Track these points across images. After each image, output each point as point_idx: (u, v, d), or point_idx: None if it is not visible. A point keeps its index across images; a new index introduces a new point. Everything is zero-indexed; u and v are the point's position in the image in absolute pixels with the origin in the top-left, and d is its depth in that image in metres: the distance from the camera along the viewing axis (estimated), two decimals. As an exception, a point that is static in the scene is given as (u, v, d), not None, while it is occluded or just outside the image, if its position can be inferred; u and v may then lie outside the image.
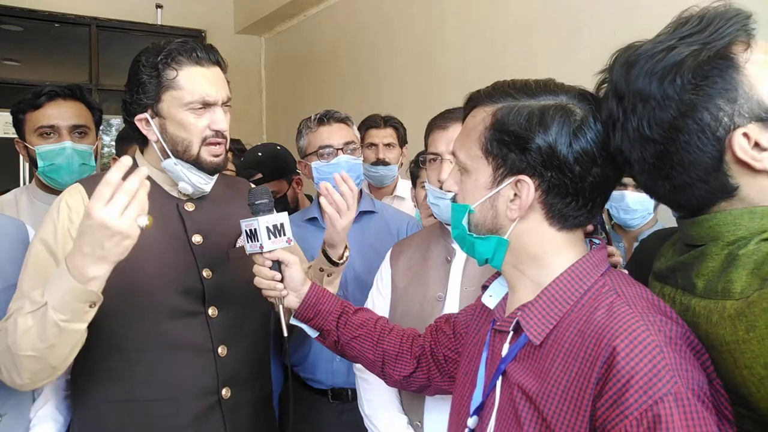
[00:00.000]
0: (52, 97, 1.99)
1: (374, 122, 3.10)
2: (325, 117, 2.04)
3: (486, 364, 1.03)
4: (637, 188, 2.28)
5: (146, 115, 1.43)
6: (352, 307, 1.38)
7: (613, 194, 1.49)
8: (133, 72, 1.45)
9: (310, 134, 2.05)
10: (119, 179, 1.12)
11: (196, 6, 5.80)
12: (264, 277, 1.33)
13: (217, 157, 1.46)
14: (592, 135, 0.92)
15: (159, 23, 5.63)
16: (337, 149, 2.00)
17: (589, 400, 0.82)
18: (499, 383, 0.97)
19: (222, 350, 1.47)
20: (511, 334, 0.98)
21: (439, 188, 1.55)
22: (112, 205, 1.11)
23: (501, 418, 0.95)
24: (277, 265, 1.33)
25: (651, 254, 1.08)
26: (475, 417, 1.01)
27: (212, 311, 1.47)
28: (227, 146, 1.51)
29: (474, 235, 1.01)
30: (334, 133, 2.01)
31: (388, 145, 3.05)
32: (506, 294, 1.07)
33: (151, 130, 1.44)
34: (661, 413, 0.76)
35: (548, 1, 3.05)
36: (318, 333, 1.37)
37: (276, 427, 1.72)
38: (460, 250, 1.55)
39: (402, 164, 3.16)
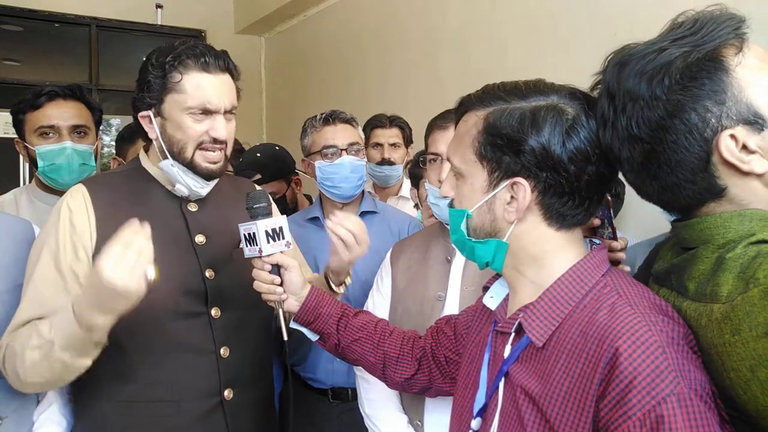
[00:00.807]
0: (52, 97, 1.98)
1: (380, 122, 3.09)
2: (331, 117, 2.03)
3: (488, 365, 1.03)
4: None
5: (149, 113, 1.44)
6: (352, 310, 1.38)
7: None
8: (142, 69, 1.46)
9: (314, 133, 2.05)
10: (131, 240, 1.15)
11: (196, 6, 5.80)
12: (263, 281, 1.33)
13: (214, 163, 1.46)
14: (585, 133, 0.92)
15: (159, 23, 5.63)
16: (341, 150, 2.00)
17: (592, 400, 0.82)
18: (501, 385, 0.97)
19: (224, 351, 1.47)
20: (513, 335, 0.98)
21: (440, 188, 1.55)
22: (120, 266, 1.13)
23: (504, 420, 0.95)
24: (277, 268, 1.33)
25: None
26: (479, 419, 1.01)
27: (215, 312, 1.47)
28: (227, 152, 1.50)
29: (473, 240, 1.01)
30: (339, 134, 2.01)
31: (393, 144, 3.04)
32: (507, 295, 1.07)
33: (152, 128, 1.45)
34: (664, 414, 0.76)
35: (548, 2, 3.05)
36: (318, 336, 1.37)
37: (277, 428, 1.72)
38: (460, 250, 1.55)
39: (408, 164, 3.16)
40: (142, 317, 1.40)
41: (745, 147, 0.83)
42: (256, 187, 1.64)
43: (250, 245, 1.32)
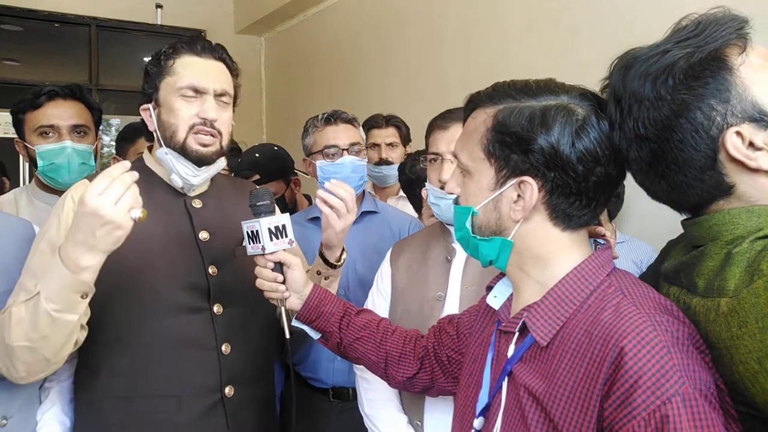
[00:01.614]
0: (52, 96, 1.98)
1: (376, 122, 3.09)
2: (332, 117, 2.04)
3: (491, 364, 1.03)
4: None
5: (149, 105, 1.48)
6: (354, 309, 1.38)
7: None
8: (145, 68, 1.50)
9: (316, 133, 2.06)
10: (119, 174, 1.15)
11: (196, 6, 5.80)
12: (266, 279, 1.33)
13: (205, 147, 1.46)
14: (595, 134, 0.92)
15: (159, 23, 5.63)
16: (343, 150, 2.00)
17: (597, 400, 0.82)
18: (505, 384, 0.97)
19: (226, 348, 1.47)
20: (516, 334, 0.98)
21: (440, 188, 1.55)
22: (106, 194, 1.12)
23: (507, 419, 0.94)
24: (279, 266, 1.33)
25: None
26: (481, 418, 1.00)
27: (217, 308, 1.47)
28: (222, 142, 1.50)
29: (478, 237, 1.00)
30: (341, 134, 2.01)
31: (390, 144, 3.05)
32: (511, 294, 1.07)
33: (151, 120, 1.48)
34: (668, 414, 0.76)
35: (548, 1, 3.05)
36: (320, 335, 1.36)
37: (278, 428, 1.72)
38: (461, 250, 1.55)
39: None
40: (144, 311, 1.40)
41: (751, 144, 0.84)
42: (256, 187, 1.64)
43: (253, 243, 1.32)
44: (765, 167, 0.84)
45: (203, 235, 1.49)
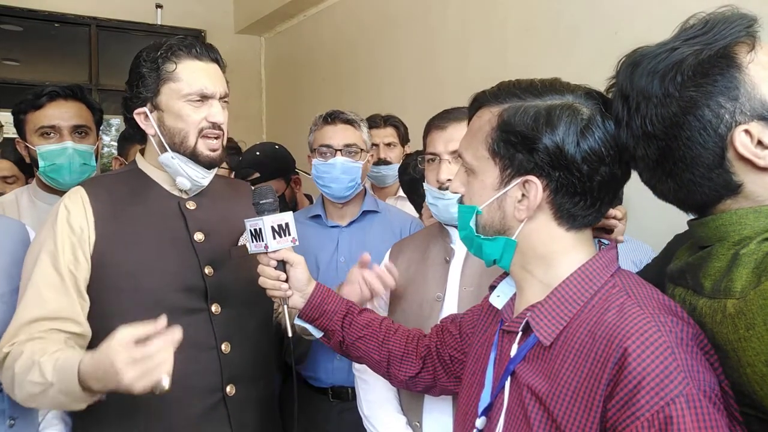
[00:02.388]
0: (53, 97, 1.98)
1: (374, 122, 3.09)
2: (331, 116, 2.04)
3: (494, 364, 1.02)
4: None
5: (145, 109, 1.46)
6: (356, 308, 1.38)
7: None
8: (133, 67, 1.48)
9: (316, 131, 2.07)
10: (158, 349, 1.11)
11: (196, 6, 5.79)
12: (269, 277, 1.33)
13: (214, 151, 1.48)
14: (600, 134, 0.92)
15: (159, 23, 5.63)
16: (336, 150, 2.00)
17: (600, 401, 0.82)
18: (507, 384, 0.96)
19: (225, 347, 1.48)
20: (520, 334, 0.98)
21: (438, 188, 1.55)
22: (137, 367, 1.10)
23: (510, 419, 0.94)
24: (282, 264, 1.33)
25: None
26: (484, 417, 1.00)
27: (215, 308, 1.48)
28: (224, 142, 1.52)
29: (482, 237, 1.00)
30: (337, 134, 2.02)
31: (389, 144, 3.05)
32: (514, 294, 1.06)
33: (149, 124, 1.46)
34: (672, 415, 0.76)
35: (548, 2, 3.05)
36: (323, 333, 1.37)
37: (280, 426, 1.72)
38: (459, 251, 1.55)
39: None
40: (142, 314, 1.39)
41: (760, 143, 0.83)
42: (251, 187, 1.64)
43: (256, 241, 1.32)
44: None
45: (198, 237, 1.50)
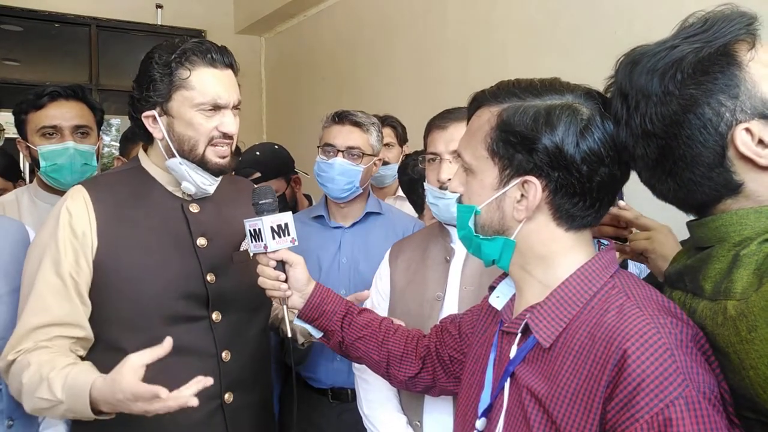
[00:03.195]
0: (55, 97, 1.98)
1: None
2: (340, 116, 2.03)
3: (494, 365, 1.02)
4: None
5: (154, 112, 1.42)
6: (356, 308, 1.38)
7: None
8: (144, 68, 1.43)
9: (324, 129, 2.06)
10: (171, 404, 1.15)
11: (196, 6, 5.79)
12: (268, 277, 1.32)
13: (223, 158, 1.45)
14: (599, 134, 0.92)
15: (159, 23, 5.62)
16: (339, 151, 1.99)
17: (599, 402, 0.82)
18: (507, 385, 0.96)
19: (225, 355, 1.47)
20: (519, 335, 0.97)
21: (438, 188, 1.55)
22: (144, 405, 1.16)
23: (510, 420, 0.94)
24: (281, 265, 1.32)
25: None
26: (484, 419, 1.00)
27: (216, 316, 1.47)
28: (233, 149, 1.49)
29: (480, 237, 1.00)
30: (342, 135, 2.01)
31: (387, 144, 3.04)
32: (513, 295, 1.06)
33: (157, 128, 1.43)
34: (671, 417, 0.76)
35: (548, 2, 3.05)
36: (322, 333, 1.36)
37: (276, 430, 1.71)
38: (459, 250, 1.55)
39: None
40: (143, 321, 1.39)
41: (761, 142, 0.82)
42: (254, 185, 1.64)
43: (256, 241, 1.31)
44: None
45: (201, 242, 1.48)
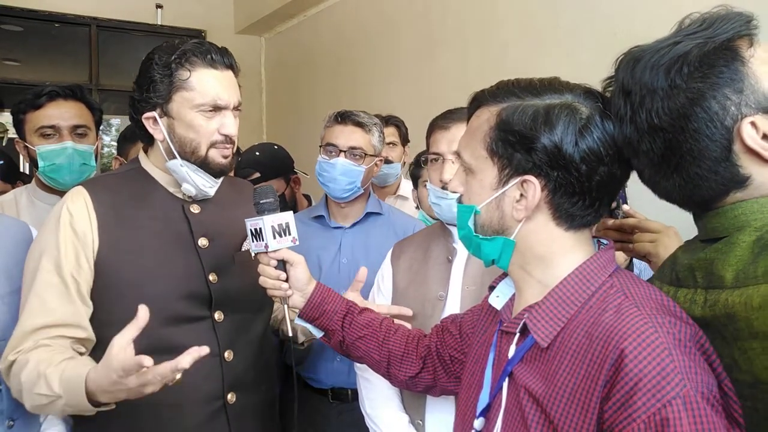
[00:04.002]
0: (53, 97, 1.98)
1: None
2: (342, 116, 2.03)
3: (493, 365, 1.02)
4: None
5: (154, 113, 1.41)
6: (357, 307, 1.37)
7: None
8: (144, 69, 1.43)
9: (327, 129, 2.06)
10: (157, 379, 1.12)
11: (196, 6, 5.79)
12: (269, 277, 1.32)
13: (226, 157, 1.45)
14: (599, 133, 0.92)
15: (159, 23, 5.63)
16: (341, 151, 1.99)
17: (597, 402, 0.82)
18: (505, 385, 0.96)
19: (228, 355, 1.47)
20: (517, 335, 0.97)
21: (441, 188, 1.55)
22: (147, 387, 1.14)
23: (508, 420, 0.94)
24: (282, 264, 1.33)
25: None
26: (482, 418, 1.00)
27: (218, 316, 1.47)
28: (234, 150, 1.49)
29: (480, 236, 1.00)
30: (344, 135, 2.00)
31: (390, 143, 3.05)
32: (513, 294, 1.06)
33: (158, 129, 1.43)
34: (669, 416, 0.76)
35: (548, 1, 3.05)
36: (323, 333, 1.36)
37: (279, 430, 1.71)
38: (462, 250, 1.55)
39: (405, 163, 3.15)
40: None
41: (766, 136, 0.83)
42: (254, 186, 1.64)
43: (257, 240, 1.31)
44: None
45: (202, 242, 1.47)
